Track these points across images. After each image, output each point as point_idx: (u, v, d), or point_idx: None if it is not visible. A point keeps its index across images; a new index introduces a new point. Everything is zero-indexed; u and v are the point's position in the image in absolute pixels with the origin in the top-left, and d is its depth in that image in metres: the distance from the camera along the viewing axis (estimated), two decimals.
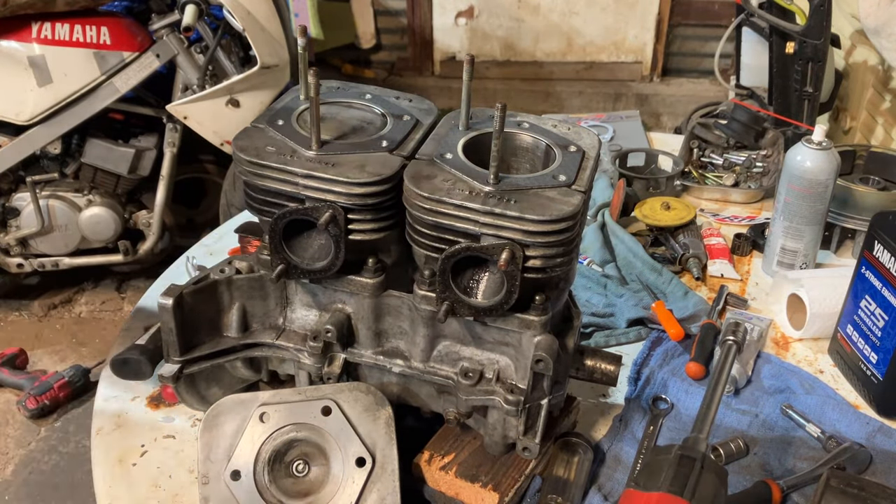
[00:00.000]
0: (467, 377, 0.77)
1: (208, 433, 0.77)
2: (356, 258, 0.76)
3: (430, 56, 3.88)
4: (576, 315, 0.83)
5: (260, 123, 0.77)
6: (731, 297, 1.20)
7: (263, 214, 0.76)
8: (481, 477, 0.81)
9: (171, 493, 0.86)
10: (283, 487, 0.77)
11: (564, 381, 0.82)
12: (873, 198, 1.26)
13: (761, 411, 0.98)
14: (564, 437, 0.88)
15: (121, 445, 0.92)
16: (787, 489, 0.86)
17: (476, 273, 0.73)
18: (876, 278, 0.97)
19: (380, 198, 0.72)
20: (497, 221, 0.68)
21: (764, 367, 1.06)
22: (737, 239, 1.32)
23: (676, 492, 0.65)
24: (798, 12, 1.57)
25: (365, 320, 0.80)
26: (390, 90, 0.85)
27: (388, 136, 0.76)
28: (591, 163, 0.75)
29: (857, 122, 1.87)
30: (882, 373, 0.97)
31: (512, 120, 0.79)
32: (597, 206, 1.36)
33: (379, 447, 0.78)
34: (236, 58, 2.27)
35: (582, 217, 0.73)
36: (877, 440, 0.94)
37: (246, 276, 0.82)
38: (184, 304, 0.79)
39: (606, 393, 1.01)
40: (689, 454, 0.68)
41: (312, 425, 0.77)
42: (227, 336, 0.84)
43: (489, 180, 0.70)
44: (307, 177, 0.72)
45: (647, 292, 1.18)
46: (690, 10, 3.68)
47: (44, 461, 2.05)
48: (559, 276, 0.75)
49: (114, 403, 0.98)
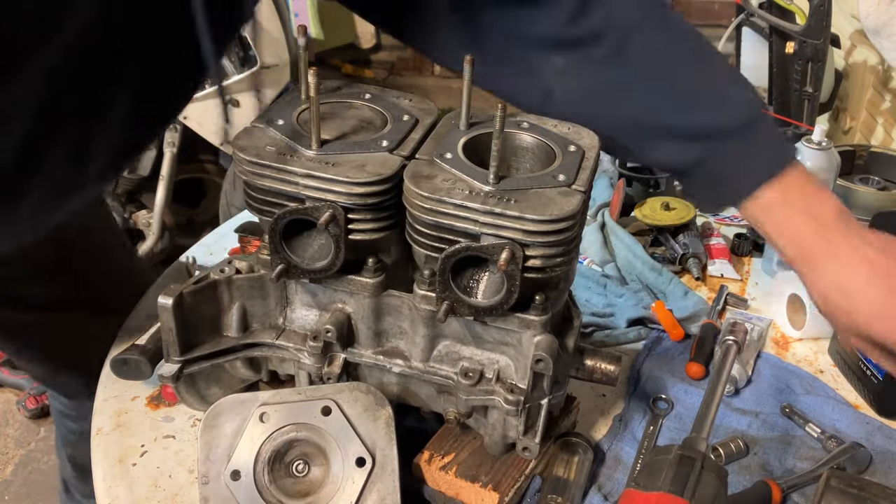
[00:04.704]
0: (467, 377, 0.77)
1: (208, 433, 0.77)
2: (356, 258, 0.76)
3: None
4: (576, 315, 0.83)
5: (260, 123, 0.77)
6: (731, 297, 1.20)
7: (263, 214, 0.76)
8: (481, 477, 0.81)
9: (171, 493, 0.86)
10: (283, 487, 0.77)
11: (564, 381, 0.82)
12: (873, 198, 1.26)
13: (761, 411, 0.98)
14: (564, 437, 0.88)
15: (121, 445, 0.92)
16: (787, 489, 0.86)
17: (476, 273, 0.73)
18: None
19: (380, 197, 0.72)
20: (497, 221, 0.68)
21: (764, 367, 1.06)
22: (737, 239, 1.32)
23: (676, 492, 0.65)
24: (798, 12, 1.57)
25: (365, 320, 0.80)
26: (390, 90, 0.85)
27: (389, 136, 0.76)
28: (591, 163, 0.75)
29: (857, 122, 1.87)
30: (882, 373, 0.97)
31: (512, 120, 0.79)
32: (597, 206, 1.36)
33: (379, 447, 0.78)
34: (236, 58, 2.27)
35: (582, 217, 0.73)
36: (877, 440, 0.94)
37: (246, 276, 0.82)
38: (184, 304, 0.79)
39: (606, 393, 1.01)
40: (689, 454, 0.68)
41: (312, 425, 0.77)
42: (227, 336, 0.84)
43: (489, 180, 0.70)
44: (307, 176, 0.72)
45: (647, 292, 1.18)
46: (690, 9, 3.68)
47: (44, 461, 2.05)
48: (559, 276, 0.75)
49: (114, 403, 0.98)
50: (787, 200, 0.76)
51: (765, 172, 0.76)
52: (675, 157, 0.78)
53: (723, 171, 0.77)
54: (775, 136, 0.79)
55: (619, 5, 0.77)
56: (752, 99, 0.78)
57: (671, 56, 0.78)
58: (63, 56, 0.60)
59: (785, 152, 0.77)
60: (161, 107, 0.78)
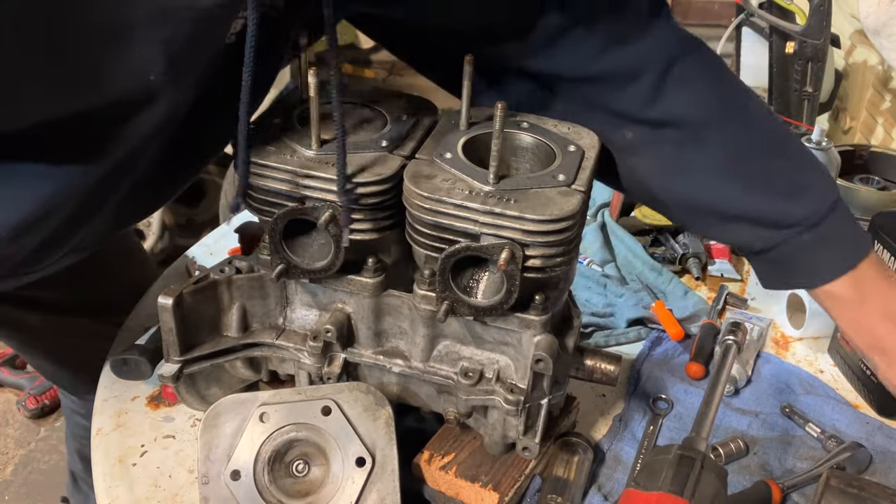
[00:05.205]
0: (467, 377, 0.77)
1: (208, 433, 0.77)
2: (356, 258, 0.76)
3: None
4: (576, 315, 0.83)
5: (259, 123, 0.77)
6: (731, 297, 1.20)
7: (263, 214, 0.76)
8: (481, 477, 0.81)
9: (171, 493, 0.86)
10: (283, 487, 0.77)
11: (564, 381, 0.82)
12: (873, 198, 1.26)
13: (761, 411, 0.98)
14: (564, 437, 0.88)
15: (121, 445, 0.92)
16: (787, 489, 0.86)
17: (476, 273, 0.73)
18: None
19: (380, 197, 0.72)
20: (497, 221, 0.68)
21: (764, 367, 1.06)
22: None
23: (676, 492, 0.65)
24: (798, 12, 1.57)
25: (365, 320, 0.80)
26: (389, 89, 0.85)
27: (388, 136, 0.76)
28: (591, 162, 0.75)
29: (857, 121, 1.87)
30: None
31: (512, 120, 0.79)
32: (597, 206, 1.36)
33: (379, 447, 0.78)
34: None
35: (582, 217, 0.73)
36: (877, 440, 0.94)
37: (246, 275, 0.82)
38: (184, 304, 0.79)
39: (606, 393, 1.01)
40: (689, 454, 0.68)
41: (312, 425, 0.77)
42: (227, 336, 0.84)
43: (489, 180, 0.70)
44: (307, 176, 0.72)
45: (647, 292, 1.18)
46: (690, 9, 3.68)
47: (44, 461, 2.05)
48: (559, 276, 0.75)
49: (114, 403, 0.98)
50: (861, 298, 0.76)
51: (839, 264, 0.76)
52: (750, 241, 0.79)
53: (796, 259, 0.77)
54: (851, 227, 0.78)
55: (697, 93, 0.77)
56: (831, 188, 0.78)
57: (748, 145, 0.78)
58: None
59: (860, 244, 0.77)
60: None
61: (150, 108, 0.63)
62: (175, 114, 0.66)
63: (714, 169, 0.77)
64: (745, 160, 0.77)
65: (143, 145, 0.68)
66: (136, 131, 0.65)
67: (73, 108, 0.60)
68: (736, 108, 0.79)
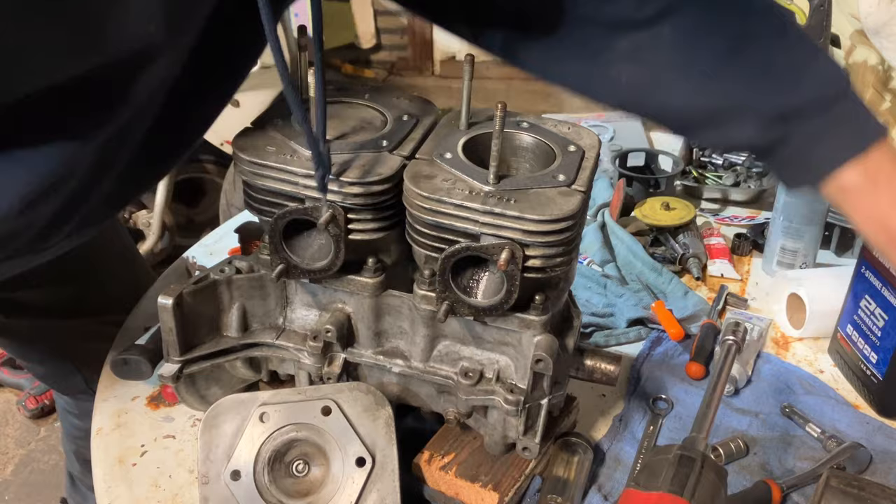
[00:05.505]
0: (467, 377, 0.77)
1: (208, 433, 0.77)
2: (356, 258, 0.76)
3: (430, 56, 3.88)
4: (576, 315, 0.83)
5: (259, 123, 0.77)
6: (731, 297, 1.20)
7: (263, 214, 0.76)
8: (481, 477, 0.81)
9: (171, 493, 0.86)
10: (283, 487, 0.77)
11: (564, 381, 0.82)
12: None
13: (761, 411, 0.98)
14: (564, 437, 0.88)
15: (120, 445, 0.92)
16: (787, 489, 0.86)
17: (476, 273, 0.73)
18: (876, 278, 0.97)
19: (380, 197, 0.72)
20: (497, 221, 0.68)
21: (764, 367, 1.06)
22: (737, 239, 1.32)
23: (676, 491, 0.65)
24: (798, 12, 1.57)
25: (365, 320, 0.80)
26: (389, 89, 0.85)
27: (388, 136, 0.76)
28: (591, 162, 0.75)
29: None
30: (882, 373, 0.97)
31: (512, 120, 0.79)
32: (597, 206, 1.36)
33: (379, 447, 0.78)
34: None
35: (582, 217, 0.73)
36: (877, 440, 0.94)
37: (246, 275, 0.82)
38: (184, 304, 0.79)
39: (606, 393, 1.01)
40: (689, 454, 0.68)
41: (312, 425, 0.77)
42: (227, 336, 0.84)
43: (489, 180, 0.70)
44: (307, 176, 0.72)
45: (647, 292, 1.18)
46: None
47: (44, 461, 2.05)
48: (559, 276, 0.75)
49: (114, 403, 0.98)
50: (873, 185, 0.69)
51: (846, 150, 0.69)
52: (757, 138, 0.72)
53: (804, 150, 0.71)
54: (860, 114, 0.71)
55: None
56: (837, 74, 0.72)
57: (747, 34, 0.72)
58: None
59: (870, 128, 0.70)
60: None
61: (150, 68, 0.62)
62: (175, 68, 0.66)
63: (715, 63, 0.72)
64: (746, 48, 0.72)
65: (142, 109, 0.67)
66: (137, 93, 0.64)
67: (75, 70, 0.59)
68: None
